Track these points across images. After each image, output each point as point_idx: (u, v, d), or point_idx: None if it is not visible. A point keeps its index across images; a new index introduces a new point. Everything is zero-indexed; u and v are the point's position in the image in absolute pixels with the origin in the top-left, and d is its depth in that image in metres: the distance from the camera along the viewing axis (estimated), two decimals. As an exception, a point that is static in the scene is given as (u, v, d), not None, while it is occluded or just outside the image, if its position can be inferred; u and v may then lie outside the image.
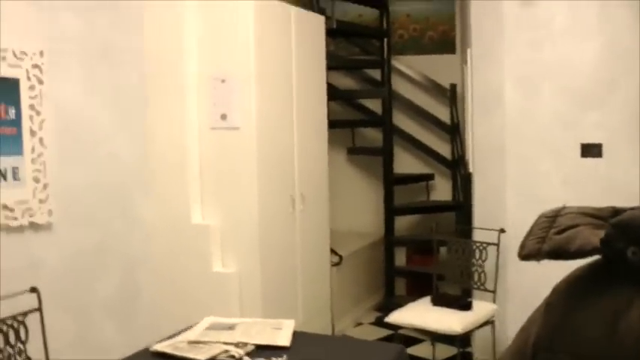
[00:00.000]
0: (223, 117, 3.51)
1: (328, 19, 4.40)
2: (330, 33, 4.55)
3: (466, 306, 3.51)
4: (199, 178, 3.62)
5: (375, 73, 5.47)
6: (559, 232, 0.80)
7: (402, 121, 5.60)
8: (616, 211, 0.86)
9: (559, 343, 0.76)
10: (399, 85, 5.55)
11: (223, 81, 3.50)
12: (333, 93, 5.36)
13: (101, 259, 3.35)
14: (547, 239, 0.80)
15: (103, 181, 3.36)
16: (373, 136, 5.64)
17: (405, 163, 5.70)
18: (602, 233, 0.74)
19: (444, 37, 5.59)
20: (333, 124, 5.19)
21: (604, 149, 3.63)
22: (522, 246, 0.85)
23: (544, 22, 3.66)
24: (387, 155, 5.09)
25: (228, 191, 3.54)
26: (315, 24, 4.09)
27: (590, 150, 3.64)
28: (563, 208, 0.86)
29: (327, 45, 5.60)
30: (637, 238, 0.66)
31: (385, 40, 5.03)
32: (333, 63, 5.10)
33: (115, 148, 3.44)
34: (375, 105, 5.49)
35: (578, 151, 3.66)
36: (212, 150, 3.57)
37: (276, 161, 3.65)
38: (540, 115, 3.66)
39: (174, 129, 3.59)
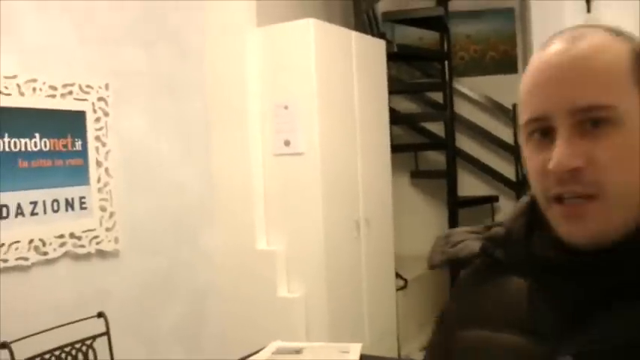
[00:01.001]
0: (287, 143, 3.55)
1: (389, 43, 4.41)
2: (391, 57, 4.55)
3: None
4: (264, 205, 3.66)
5: (437, 96, 5.44)
6: (452, 246, 1.02)
7: (465, 143, 5.55)
8: (489, 227, 1.03)
9: (465, 319, 0.97)
10: (461, 107, 5.50)
11: (286, 107, 3.54)
12: (395, 117, 5.36)
13: (168, 286, 3.42)
14: (444, 252, 1.02)
15: (168, 210, 3.43)
16: (436, 159, 5.60)
17: (469, 185, 5.63)
18: (475, 244, 0.99)
19: (505, 56, 5.53)
20: (395, 148, 5.19)
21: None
22: (429, 260, 1.05)
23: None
24: (450, 178, 5.04)
25: (292, 217, 3.57)
26: (376, 48, 4.11)
27: None
28: (453, 230, 1.08)
29: (389, 69, 5.62)
30: (499, 244, 0.93)
31: (446, 62, 5.00)
32: (395, 87, 5.11)
33: (179, 177, 3.52)
34: (437, 128, 5.45)
35: None
36: (276, 176, 3.61)
37: (341, 186, 3.66)
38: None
39: (238, 157, 3.65)
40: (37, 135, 2.77)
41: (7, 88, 2.67)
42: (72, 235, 2.90)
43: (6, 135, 2.66)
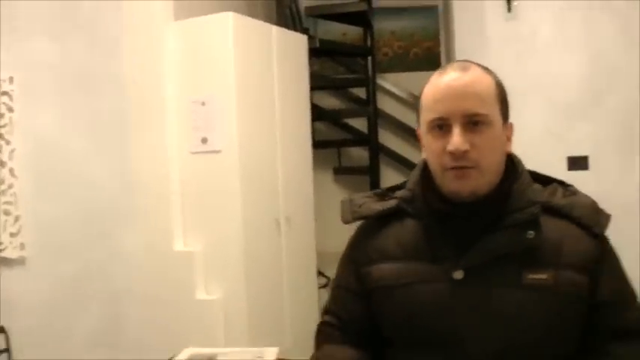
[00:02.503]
0: (204, 140, 3.44)
1: (311, 38, 4.34)
2: (314, 52, 4.49)
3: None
4: (181, 204, 3.53)
5: (360, 92, 5.41)
6: (359, 207, 1.42)
7: (388, 139, 5.54)
8: (388, 189, 1.49)
9: (375, 256, 1.39)
10: (385, 103, 5.49)
11: (203, 104, 3.43)
12: (318, 113, 5.30)
13: (81, 292, 3.26)
14: (354, 211, 1.42)
15: (81, 211, 3.28)
16: (360, 155, 5.58)
17: (393, 181, 5.57)
18: (378, 204, 1.42)
19: (429, 53, 5.55)
20: (318, 144, 5.15)
21: (590, 161, 3.59)
22: (342, 217, 1.44)
23: (529, 35, 3.62)
24: (373, 174, 5.02)
25: (210, 216, 3.46)
26: (297, 43, 4.04)
27: (577, 162, 3.59)
28: (353, 195, 1.48)
29: (312, 65, 5.53)
30: (408, 202, 1.37)
31: (369, 58, 4.97)
32: (318, 83, 5.05)
33: (93, 176, 3.36)
34: (360, 124, 5.42)
35: (565, 163, 3.61)
36: (193, 175, 3.50)
37: (260, 184, 3.57)
38: (528, 128, 3.60)
39: (155, 154, 3.51)
40: None
41: None
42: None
43: None
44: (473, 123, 1.26)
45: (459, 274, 1.26)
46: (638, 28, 3.50)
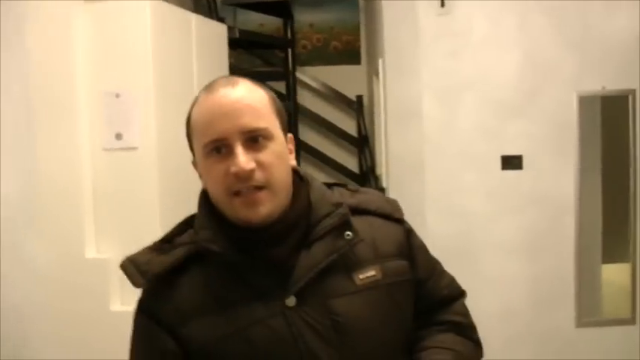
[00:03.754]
0: (118, 136, 3.14)
1: (230, 28, 4.09)
2: (233, 43, 4.25)
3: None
4: (93, 207, 3.21)
5: (280, 86, 5.20)
6: (147, 264, 1.22)
7: (308, 135, 5.37)
8: (161, 241, 1.29)
9: (187, 314, 1.19)
10: (305, 98, 5.32)
11: (117, 96, 3.12)
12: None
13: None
14: (144, 272, 1.21)
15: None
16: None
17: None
18: (164, 257, 1.22)
19: (349, 47, 5.41)
20: None
21: (525, 161, 3.52)
22: (132, 282, 1.21)
23: (463, 31, 3.51)
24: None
25: (126, 220, 3.16)
26: (217, 33, 3.79)
27: (511, 162, 3.52)
28: (130, 256, 1.26)
29: (229, 57, 5.32)
30: (212, 242, 1.20)
31: (290, 50, 4.77)
32: (237, 76, 4.81)
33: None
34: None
35: (499, 163, 3.53)
36: (107, 174, 3.18)
37: (181, 184, 3.29)
38: (461, 127, 3.50)
39: (63, 153, 3.16)
40: None
41: None
42: None
43: None
44: (253, 140, 1.15)
45: (291, 301, 1.15)
46: (573, 26, 3.46)
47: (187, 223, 1.28)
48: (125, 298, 3.17)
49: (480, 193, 3.51)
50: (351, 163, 5.34)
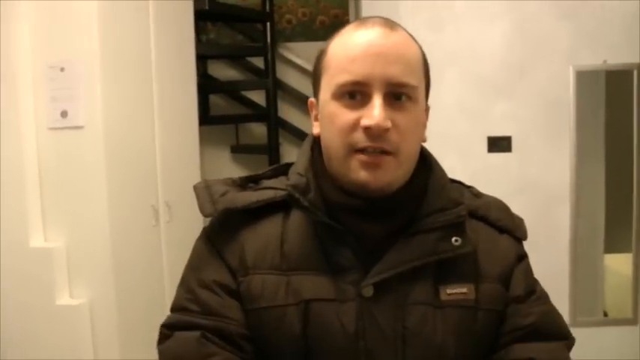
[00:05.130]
0: (64, 114, 2.87)
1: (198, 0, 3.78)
2: (207, 17, 3.96)
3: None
4: (39, 192, 2.95)
5: (261, 63, 4.90)
6: (221, 196, 1.07)
7: (291, 113, 5.06)
8: (247, 178, 1.13)
9: (256, 261, 1.04)
10: (289, 76, 5.01)
11: (62, 69, 2.85)
12: (213, 85, 4.81)
13: None
14: (216, 201, 1.06)
15: None
16: (261, 132, 5.08)
17: (297, 161, 5.17)
18: (247, 194, 1.07)
19: (337, 21, 5.08)
20: (213, 119, 4.70)
21: (513, 143, 3.21)
22: (201, 209, 1.06)
23: (445, 0, 3.19)
24: (272, 152, 4.54)
25: (74, 206, 2.89)
26: (181, 4, 3.48)
27: (498, 144, 3.21)
28: (208, 181, 1.10)
29: (207, 32, 5.01)
30: (302, 192, 1.02)
31: (268, 24, 4.46)
32: (210, 51, 4.53)
33: None
34: (262, 98, 4.92)
35: (485, 145, 3.22)
36: (53, 155, 2.92)
37: (132, 166, 3.03)
38: (443, 105, 3.18)
39: (5, 132, 2.90)
40: None
41: None
42: None
43: None
44: (396, 96, 1.00)
45: (368, 291, 1.00)
46: (567, -5, 3.13)
47: (278, 170, 1.15)
48: (74, 291, 2.92)
49: (462, 177, 3.19)
50: (338, 145, 5.05)
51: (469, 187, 1.20)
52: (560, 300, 3.19)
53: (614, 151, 3.24)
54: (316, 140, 1.10)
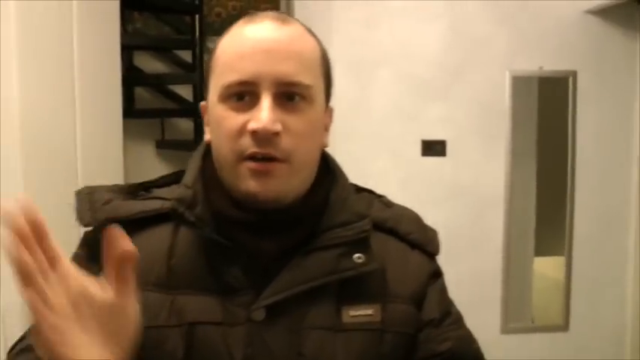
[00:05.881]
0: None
1: (123, -14, 3.60)
2: (131, 4, 3.78)
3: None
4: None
5: (187, 55, 4.73)
6: (104, 204, 0.97)
7: (222, 111, 4.92)
8: (141, 185, 1.04)
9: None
10: (217, 70, 4.87)
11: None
12: (138, 78, 4.62)
13: None
14: (97, 210, 0.96)
15: None
16: (188, 127, 4.91)
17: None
18: (133, 203, 0.98)
19: (267, 16, 4.96)
20: (138, 113, 4.53)
21: (448, 147, 3.17)
22: (79, 218, 0.97)
23: (379, -5, 3.13)
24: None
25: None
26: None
27: (433, 147, 3.17)
28: (91, 187, 1.01)
29: (134, 21, 4.80)
30: (188, 205, 0.94)
31: (197, 17, 4.30)
32: (136, 42, 4.34)
33: None
34: (189, 92, 4.75)
35: (419, 148, 3.17)
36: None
37: (51, 161, 2.83)
38: (375, 106, 3.12)
39: None
40: None
41: None
42: None
43: None
44: (288, 96, 0.91)
45: (259, 315, 0.91)
46: (504, -3, 3.11)
47: (172, 178, 1.05)
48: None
49: (394, 180, 3.14)
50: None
51: (380, 196, 1.09)
52: (492, 306, 3.20)
53: (545, 155, 3.26)
54: (209, 148, 1.00)
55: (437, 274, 1.07)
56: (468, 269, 3.12)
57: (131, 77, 4.45)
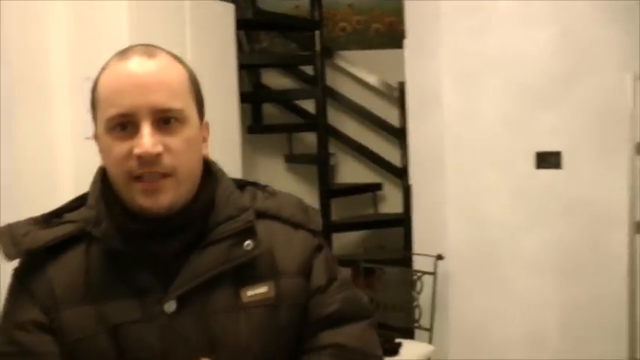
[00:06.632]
0: (98, 125, 2.88)
1: (241, 8, 3.74)
2: (249, 25, 3.93)
3: (391, 351, 2.89)
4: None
5: (310, 70, 4.84)
6: (24, 236, 1.09)
7: (347, 125, 4.98)
8: (52, 213, 1.16)
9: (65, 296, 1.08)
10: (342, 85, 4.93)
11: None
12: (263, 95, 4.80)
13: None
14: (19, 243, 1.08)
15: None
16: (314, 141, 5.00)
17: (353, 171, 5.07)
18: (47, 231, 1.10)
19: (391, 29, 4.96)
20: (266, 128, 4.77)
21: (564, 159, 3.01)
22: (6, 254, 1.08)
23: (487, 6, 3.04)
24: (322, 163, 4.46)
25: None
26: (220, 13, 3.45)
27: (547, 159, 3.03)
28: (11, 224, 1.12)
29: (260, 41, 5.00)
30: (95, 224, 1.08)
31: (318, 32, 4.39)
32: (259, 60, 4.51)
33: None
34: (313, 106, 4.85)
35: (532, 160, 3.04)
36: (90, 165, 2.92)
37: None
38: (484, 117, 3.04)
39: (44, 143, 2.95)
40: None
41: None
42: None
43: None
44: (164, 121, 1.05)
45: (170, 307, 1.05)
46: (617, -1, 2.92)
47: (83, 198, 1.16)
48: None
49: (504, 195, 3.04)
50: (393, 155, 4.92)
51: (265, 186, 1.23)
52: (616, 335, 2.97)
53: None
54: (105, 172, 1.13)
55: (320, 247, 1.18)
56: (586, 293, 2.93)
57: (257, 94, 4.63)
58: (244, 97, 4.14)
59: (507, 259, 3.05)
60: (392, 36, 4.93)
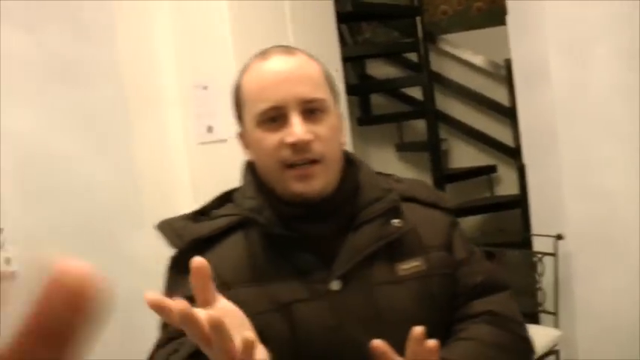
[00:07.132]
0: (209, 129, 3.00)
1: (339, 2, 3.77)
2: (349, 18, 3.95)
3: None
4: (193, 200, 3.11)
5: (414, 57, 4.79)
6: (183, 229, 1.18)
7: (456, 109, 4.90)
8: (197, 212, 1.24)
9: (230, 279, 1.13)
10: (448, 69, 4.86)
11: (205, 88, 2.98)
12: (369, 85, 4.82)
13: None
14: (183, 235, 1.17)
15: (79, 219, 2.90)
16: (424, 128, 4.96)
17: (466, 155, 4.99)
18: (207, 224, 1.19)
19: (493, 6, 4.84)
20: (375, 119, 4.84)
21: None
22: (171, 243, 1.18)
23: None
24: (433, 149, 4.42)
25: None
26: (320, 8, 3.49)
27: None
28: (168, 219, 1.23)
29: (362, 32, 5.02)
30: (258, 212, 1.16)
31: (419, 18, 4.35)
32: (363, 51, 4.53)
33: (91, 175, 2.98)
34: (420, 93, 4.81)
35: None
36: (203, 167, 3.08)
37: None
38: (595, 86, 2.91)
39: (158, 147, 3.11)
40: None
41: None
42: None
43: None
44: (310, 111, 1.13)
45: (335, 285, 1.13)
46: None
47: (223, 199, 1.27)
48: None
49: (626, 168, 2.89)
50: (505, 135, 4.80)
51: (389, 175, 1.31)
52: None
53: None
54: (253, 166, 1.22)
55: (455, 223, 1.27)
56: None
57: (364, 85, 4.65)
58: (351, 90, 4.18)
59: (633, 235, 2.91)
60: (494, 13, 4.81)
